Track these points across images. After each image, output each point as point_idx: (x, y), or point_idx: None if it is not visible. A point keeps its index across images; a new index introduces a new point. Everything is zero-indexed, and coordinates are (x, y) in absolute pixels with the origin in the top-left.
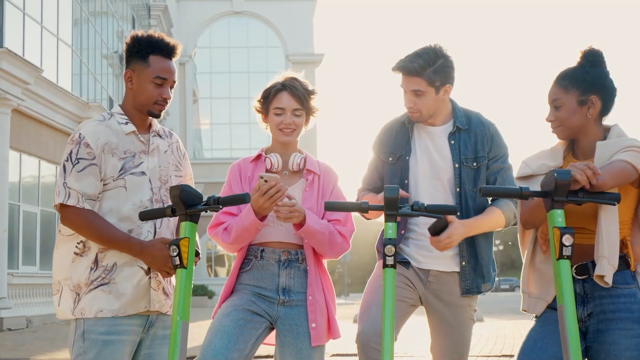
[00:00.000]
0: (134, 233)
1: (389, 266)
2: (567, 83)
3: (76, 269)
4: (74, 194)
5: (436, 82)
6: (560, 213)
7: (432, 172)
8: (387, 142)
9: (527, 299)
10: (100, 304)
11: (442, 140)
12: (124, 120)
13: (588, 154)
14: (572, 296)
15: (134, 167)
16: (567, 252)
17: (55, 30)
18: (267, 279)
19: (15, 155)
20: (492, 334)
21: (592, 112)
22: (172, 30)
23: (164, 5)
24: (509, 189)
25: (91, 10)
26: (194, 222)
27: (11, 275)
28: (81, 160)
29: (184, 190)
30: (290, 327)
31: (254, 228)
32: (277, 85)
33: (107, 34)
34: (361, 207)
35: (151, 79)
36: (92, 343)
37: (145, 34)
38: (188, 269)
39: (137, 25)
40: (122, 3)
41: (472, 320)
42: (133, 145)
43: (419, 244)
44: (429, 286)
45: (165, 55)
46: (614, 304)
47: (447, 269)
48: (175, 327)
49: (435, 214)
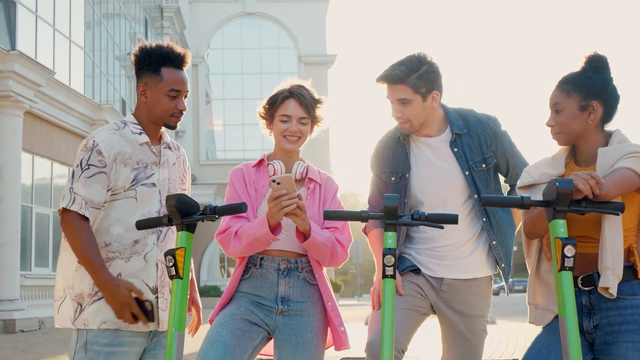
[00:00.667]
0: (140, 244)
1: (388, 277)
2: (569, 87)
3: (79, 279)
4: (79, 200)
5: (421, 88)
6: (563, 223)
7: (441, 184)
8: (386, 161)
9: (534, 311)
10: (104, 315)
11: (445, 150)
12: (138, 130)
13: (590, 161)
14: (574, 308)
15: (146, 178)
16: (568, 264)
17: (68, 32)
18: (266, 288)
19: (27, 157)
20: (504, 336)
21: (593, 118)
22: (184, 31)
23: (177, 7)
24: (511, 198)
25: (103, 12)
26: (190, 232)
27: (24, 276)
28: (91, 167)
29: (180, 200)
30: (289, 337)
31: (265, 241)
32: (285, 93)
33: (119, 35)
34: (361, 216)
35: (165, 92)
36: (94, 354)
37: (154, 45)
38: (184, 279)
39: (150, 26)
40: (135, 5)
41: (484, 332)
42: (146, 156)
43: (432, 253)
44: (441, 295)
45: (177, 66)
46: (620, 315)
47: (461, 276)
48: (170, 338)
49: (436, 223)
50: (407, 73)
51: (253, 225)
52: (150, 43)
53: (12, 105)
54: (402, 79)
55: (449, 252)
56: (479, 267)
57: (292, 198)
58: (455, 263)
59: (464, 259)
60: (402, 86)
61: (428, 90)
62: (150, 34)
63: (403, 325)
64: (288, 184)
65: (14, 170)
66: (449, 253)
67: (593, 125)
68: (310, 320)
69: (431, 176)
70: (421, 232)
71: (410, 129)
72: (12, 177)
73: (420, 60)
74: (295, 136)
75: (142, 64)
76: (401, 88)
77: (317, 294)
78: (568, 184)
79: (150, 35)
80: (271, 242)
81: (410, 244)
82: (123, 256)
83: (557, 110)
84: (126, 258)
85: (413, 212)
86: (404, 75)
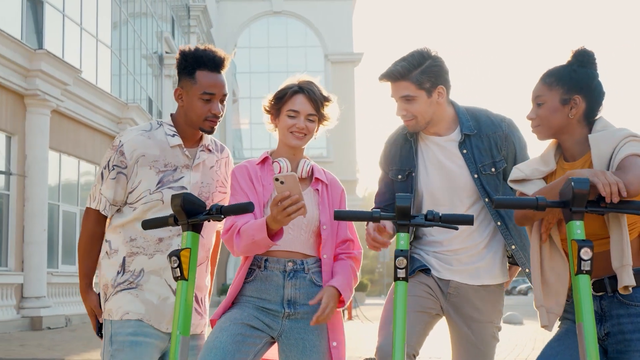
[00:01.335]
0: (164, 242)
1: (400, 279)
2: (552, 80)
3: (104, 269)
4: (104, 201)
5: (425, 83)
6: (580, 225)
7: (450, 184)
8: (394, 158)
9: (546, 314)
10: (127, 306)
11: (454, 150)
12: (172, 132)
13: (577, 155)
14: (592, 314)
15: (173, 182)
16: (585, 267)
17: (95, 31)
18: (272, 291)
19: (54, 155)
20: (531, 337)
21: (575, 112)
22: (211, 30)
23: (204, 6)
24: (525, 200)
25: (130, 11)
26: (196, 232)
27: (51, 274)
28: (115, 167)
29: (186, 199)
30: (296, 342)
31: (264, 245)
32: (294, 87)
33: (146, 34)
34: (372, 216)
35: (199, 96)
36: (119, 345)
37: (192, 49)
38: (189, 280)
39: (177, 25)
40: (162, 4)
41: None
42: (176, 158)
43: (440, 256)
44: (449, 298)
45: (212, 69)
46: (632, 323)
47: (468, 282)
48: (175, 342)
49: (451, 224)
50: (409, 68)
51: (254, 226)
52: (189, 46)
53: (39, 104)
54: (404, 75)
55: (458, 256)
56: (488, 274)
57: (296, 202)
58: (463, 269)
59: (473, 264)
60: (405, 82)
61: (433, 85)
62: (177, 33)
63: (414, 329)
64: (292, 183)
65: (41, 168)
66: (457, 257)
67: (575, 120)
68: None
69: (439, 176)
70: (428, 234)
71: (416, 127)
72: (39, 175)
73: (422, 55)
74: (302, 132)
75: (180, 67)
76: (404, 84)
77: None
78: (584, 183)
79: (177, 34)
80: (270, 246)
81: (418, 244)
82: (147, 252)
83: (539, 103)
84: (150, 255)
85: (427, 213)
86: (406, 70)
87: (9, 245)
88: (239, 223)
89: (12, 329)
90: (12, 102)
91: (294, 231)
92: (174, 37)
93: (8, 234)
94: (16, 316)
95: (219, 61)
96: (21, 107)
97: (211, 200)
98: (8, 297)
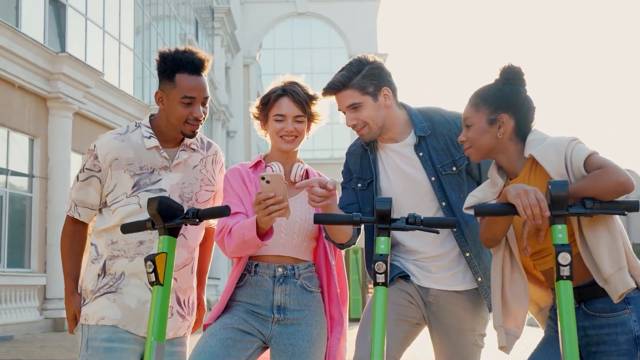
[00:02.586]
0: (145, 245)
1: (379, 284)
2: (478, 101)
3: (87, 275)
4: (71, 203)
5: (368, 87)
6: (562, 229)
7: (412, 189)
8: (353, 168)
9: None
10: (103, 311)
11: (411, 155)
12: (148, 134)
13: (517, 171)
14: (573, 322)
15: (150, 184)
16: (565, 272)
17: (117, 34)
18: (261, 296)
19: (77, 157)
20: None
21: (503, 131)
22: (235, 32)
23: (228, 8)
24: (503, 206)
25: (153, 14)
26: (172, 237)
27: None
28: (86, 170)
29: (162, 203)
30: (285, 347)
31: (253, 244)
32: (277, 91)
33: (169, 37)
34: (352, 220)
35: (179, 100)
36: (94, 351)
37: (171, 51)
38: (165, 285)
39: (201, 27)
40: (185, 6)
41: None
42: (153, 160)
43: (418, 263)
44: (429, 306)
45: (192, 72)
46: (597, 335)
47: (448, 288)
48: (149, 348)
49: (433, 228)
50: (350, 76)
51: (245, 225)
52: (169, 48)
53: (61, 107)
54: (345, 84)
55: (436, 263)
56: (468, 278)
57: (279, 202)
58: (442, 275)
59: (451, 270)
60: (348, 90)
61: (376, 87)
62: (201, 35)
63: (394, 338)
64: (277, 184)
65: (64, 170)
66: (435, 263)
67: (505, 139)
68: (307, 329)
69: (399, 183)
70: (400, 243)
71: (370, 134)
72: (61, 177)
73: (360, 61)
74: (291, 135)
75: (159, 70)
76: (347, 93)
77: (315, 302)
78: (562, 186)
79: (200, 36)
80: (260, 247)
81: (396, 252)
82: (127, 255)
83: (467, 125)
84: (130, 257)
85: (408, 216)
86: (346, 79)
87: (31, 247)
88: (230, 223)
89: (35, 330)
90: (34, 105)
91: (286, 235)
92: (198, 40)
93: (31, 235)
94: (39, 317)
95: (198, 63)
96: (44, 110)
97: (195, 200)
98: (31, 298)
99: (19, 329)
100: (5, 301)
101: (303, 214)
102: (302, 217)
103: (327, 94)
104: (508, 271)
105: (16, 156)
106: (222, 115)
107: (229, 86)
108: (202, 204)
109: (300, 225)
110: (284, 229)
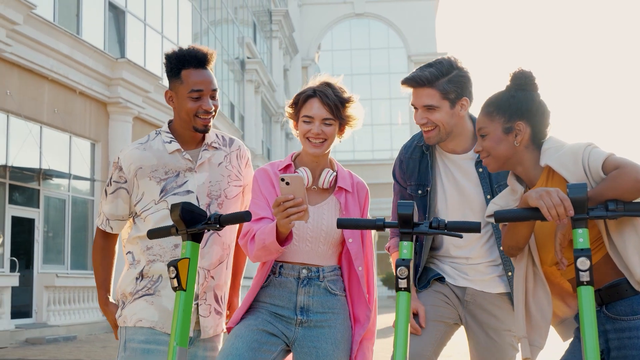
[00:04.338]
0: (179, 250)
1: (402, 289)
2: (492, 110)
3: (124, 280)
4: (102, 217)
5: (450, 94)
6: (582, 233)
7: (465, 203)
8: (412, 172)
9: (527, 346)
10: (141, 313)
11: (470, 169)
12: (169, 139)
13: (534, 179)
14: (595, 329)
15: (177, 187)
16: (585, 278)
17: (176, 39)
18: (285, 298)
19: None
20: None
21: (520, 139)
22: (293, 34)
23: (285, 10)
24: (527, 211)
25: (211, 19)
26: (196, 242)
27: None
28: (114, 183)
29: (184, 209)
30: (309, 350)
31: (274, 249)
32: (308, 92)
33: (227, 40)
34: (376, 224)
35: (187, 94)
36: (132, 352)
37: (175, 51)
38: (187, 291)
39: (259, 30)
40: (244, 10)
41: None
42: (177, 164)
43: (456, 265)
44: (466, 306)
45: (197, 66)
46: (618, 339)
47: (485, 289)
48: (172, 353)
49: (456, 232)
50: (437, 75)
51: (265, 230)
52: (174, 49)
53: (121, 111)
54: (430, 81)
55: (474, 266)
56: (500, 283)
57: (298, 205)
58: (480, 278)
59: (488, 275)
60: (430, 90)
61: (457, 96)
62: (259, 38)
63: (431, 338)
64: (297, 186)
65: None
66: (473, 267)
67: (522, 147)
68: (331, 332)
69: (453, 195)
70: (442, 248)
71: (437, 137)
72: None
73: (451, 64)
74: (318, 138)
75: (167, 70)
76: (428, 92)
77: (339, 305)
78: (581, 188)
79: (258, 39)
80: (280, 252)
81: (434, 255)
82: (164, 259)
83: (482, 135)
84: (166, 261)
85: (432, 220)
86: (433, 77)
87: None
88: (255, 228)
89: (98, 330)
90: (95, 110)
91: (311, 243)
92: (256, 43)
93: (93, 238)
94: (102, 318)
95: (202, 57)
96: (104, 115)
97: (224, 197)
98: (93, 299)
99: (82, 330)
100: (69, 302)
101: (329, 221)
102: (328, 224)
103: (407, 85)
104: (531, 281)
105: (78, 160)
106: (280, 117)
107: (288, 88)
108: (232, 200)
109: (327, 233)
110: (309, 237)
